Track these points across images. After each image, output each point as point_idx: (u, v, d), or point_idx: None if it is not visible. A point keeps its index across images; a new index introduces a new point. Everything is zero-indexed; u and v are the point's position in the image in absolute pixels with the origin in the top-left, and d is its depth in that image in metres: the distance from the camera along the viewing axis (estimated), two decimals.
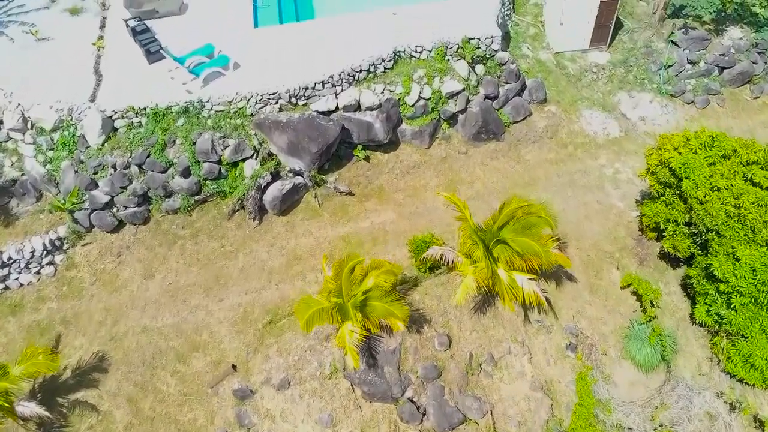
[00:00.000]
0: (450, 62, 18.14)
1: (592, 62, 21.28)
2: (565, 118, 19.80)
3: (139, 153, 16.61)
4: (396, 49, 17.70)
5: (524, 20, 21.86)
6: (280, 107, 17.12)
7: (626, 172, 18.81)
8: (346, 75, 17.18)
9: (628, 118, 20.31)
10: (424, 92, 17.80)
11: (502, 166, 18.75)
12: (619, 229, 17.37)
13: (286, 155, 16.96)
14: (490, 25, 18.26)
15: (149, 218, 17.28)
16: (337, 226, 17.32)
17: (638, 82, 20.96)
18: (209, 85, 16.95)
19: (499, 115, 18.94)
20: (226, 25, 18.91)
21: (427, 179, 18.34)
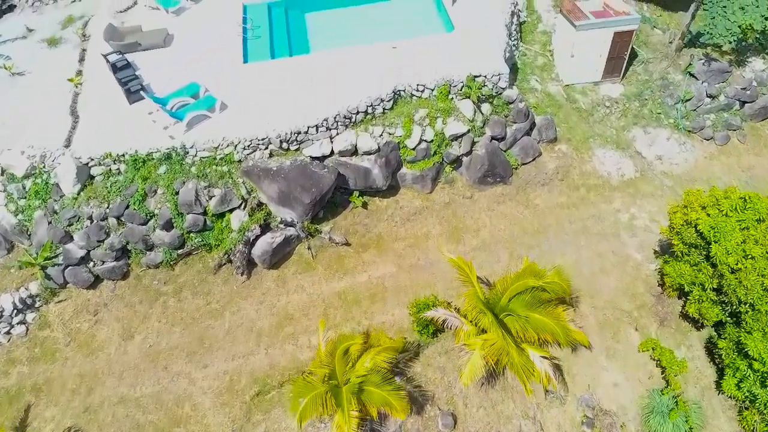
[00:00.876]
0: (454, 101, 16.84)
1: (605, 95, 19.98)
2: (576, 157, 18.50)
3: (117, 203, 15.31)
4: (396, 87, 16.40)
5: (532, 49, 20.57)
6: (271, 153, 15.82)
7: (643, 218, 17.50)
8: (341, 117, 15.89)
9: (643, 157, 19.01)
10: (426, 134, 16.51)
11: (509, 212, 17.44)
12: (637, 284, 16.06)
13: (276, 205, 15.66)
14: (497, 61, 16.94)
15: (129, 273, 15.98)
16: (332, 281, 16.02)
17: (654, 117, 19.65)
18: (194, 129, 15.66)
19: (507, 156, 17.64)
20: (213, 59, 17.63)
21: (429, 227, 17.04)
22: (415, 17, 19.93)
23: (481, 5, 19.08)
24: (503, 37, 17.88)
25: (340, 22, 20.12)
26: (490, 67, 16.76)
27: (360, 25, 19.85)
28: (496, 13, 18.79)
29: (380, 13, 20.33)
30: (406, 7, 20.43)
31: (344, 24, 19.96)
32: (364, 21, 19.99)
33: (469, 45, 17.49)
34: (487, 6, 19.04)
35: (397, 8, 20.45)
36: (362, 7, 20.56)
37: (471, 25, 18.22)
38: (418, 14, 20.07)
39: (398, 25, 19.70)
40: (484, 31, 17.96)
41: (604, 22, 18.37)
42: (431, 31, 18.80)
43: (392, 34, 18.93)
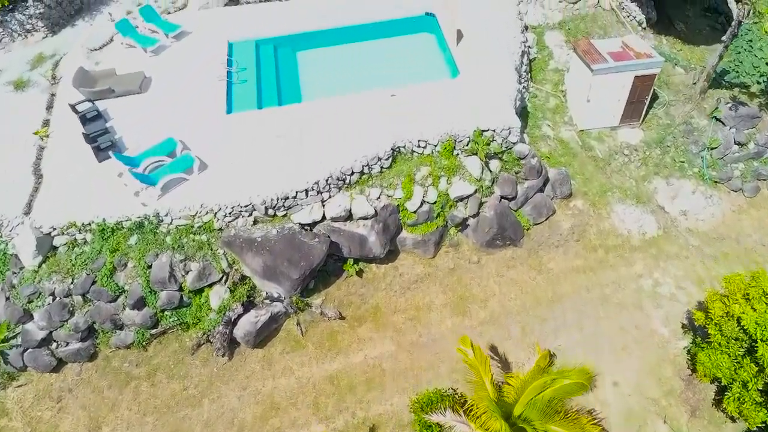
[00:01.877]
0: (459, 158, 15.18)
1: (623, 142, 18.32)
2: (593, 214, 16.84)
3: (82, 278, 13.65)
4: (395, 144, 14.74)
5: (543, 89, 18.90)
6: (255, 220, 14.15)
7: (668, 285, 15.85)
8: (334, 179, 14.23)
9: (666, 212, 17.34)
10: (428, 196, 14.86)
11: (520, 278, 15.78)
12: (665, 365, 14.40)
13: (261, 279, 14.00)
14: (507, 113, 15.27)
15: (96, 354, 14.32)
16: (324, 362, 14.35)
17: (677, 166, 17.98)
18: (169, 194, 14.00)
19: (518, 216, 15.98)
20: (193, 108, 15.97)
21: (432, 296, 15.37)
22: (417, 56, 18.29)
23: (489, 45, 17.43)
24: (513, 84, 16.21)
25: (335, 62, 18.46)
26: (499, 120, 15.09)
27: (356, 65, 18.21)
28: (505, 55, 17.13)
29: (378, 51, 18.68)
30: (406, 46, 18.80)
31: (339, 64, 18.30)
32: (361, 61, 18.34)
33: (476, 93, 15.82)
34: (495, 46, 17.39)
35: (397, 46, 18.81)
36: (359, 44, 18.92)
37: (478, 69, 16.57)
38: (420, 53, 18.43)
39: (398, 65, 18.08)
40: (493, 77, 16.30)
41: (624, 65, 16.72)
42: (434, 74, 17.15)
43: (391, 77, 17.34)
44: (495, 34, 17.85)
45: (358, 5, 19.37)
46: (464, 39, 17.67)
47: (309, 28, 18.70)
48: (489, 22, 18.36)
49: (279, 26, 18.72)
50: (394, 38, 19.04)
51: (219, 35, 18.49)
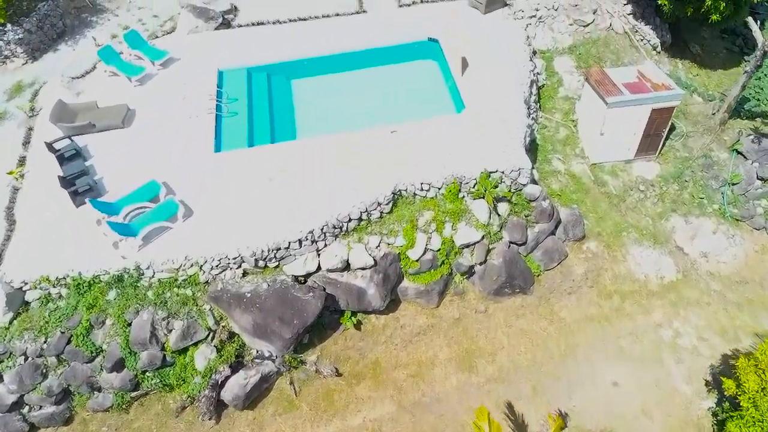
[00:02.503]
0: (465, 201, 14.09)
1: (638, 176, 17.22)
2: (608, 257, 15.74)
3: (56, 338, 12.57)
4: (396, 187, 13.66)
5: (553, 119, 17.81)
6: (244, 272, 13.07)
7: (689, 335, 14.75)
8: (330, 227, 13.15)
9: (685, 253, 16.24)
10: (432, 243, 13.78)
11: (530, 328, 14.69)
12: (689, 430, 13.31)
13: (251, 337, 12.92)
14: (516, 153, 14.20)
15: (72, 417, 13.23)
16: (320, 425, 13.26)
17: (696, 203, 16.89)
18: (151, 244, 12.91)
19: (528, 262, 14.89)
20: (179, 145, 14.90)
21: (436, 349, 14.29)
22: (419, 87, 17.20)
23: (496, 74, 16.37)
24: (523, 119, 15.12)
25: (332, 91, 17.39)
26: (508, 160, 14.02)
27: (355, 95, 17.14)
28: (514, 86, 16.05)
29: (378, 79, 17.61)
30: (408, 74, 17.72)
31: (337, 94, 17.23)
32: (360, 91, 17.27)
33: (482, 130, 14.74)
34: (503, 76, 16.31)
35: (398, 75, 17.74)
36: (358, 72, 17.83)
37: (484, 103, 15.48)
38: (423, 83, 17.34)
39: (399, 95, 17.03)
40: (501, 112, 15.22)
41: (641, 98, 15.63)
42: (438, 107, 16.07)
43: (392, 109, 16.37)
44: (502, 62, 16.77)
45: (356, 30, 18.30)
46: (469, 68, 16.59)
47: (304, 55, 17.62)
48: (496, 48, 17.28)
49: (272, 52, 17.64)
50: (395, 65, 17.98)
51: (208, 62, 17.41)
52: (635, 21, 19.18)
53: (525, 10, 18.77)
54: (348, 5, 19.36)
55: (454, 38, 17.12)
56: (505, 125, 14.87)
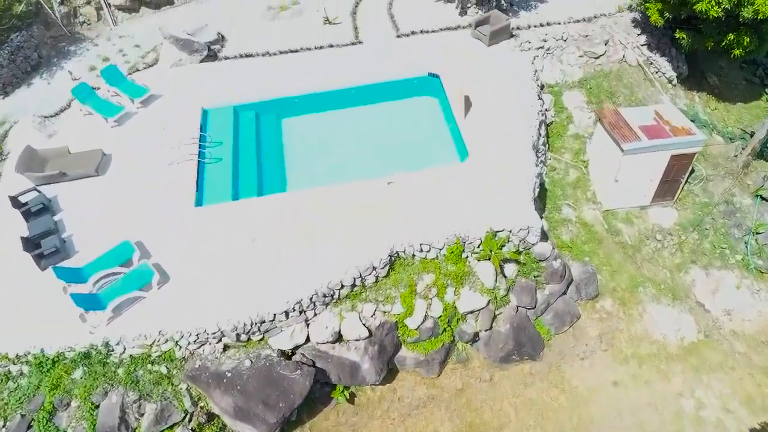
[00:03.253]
0: (469, 263, 12.85)
1: (655, 224, 15.99)
2: (624, 316, 14.52)
3: (16, 421, 11.34)
4: (393, 249, 12.42)
5: (562, 160, 16.58)
6: (225, 346, 11.84)
7: (712, 406, 13.53)
8: (320, 296, 11.91)
9: (707, 310, 15.02)
10: (432, 310, 12.55)
11: (540, 398, 13.47)
12: None
13: (233, 419, 11.67)
14: (525, 209, 12.96)
15: None
16: None
17: (717, 253, 15.65)
18: (122, 316, 11.67)
19: (537, 326, 13.66)
20: (157, 198, 13.67)
21: (437, 424, 13.06)
22: (419, 127, 15.98)
23: (502, 115, 15.14)
24: (531, 169, 13.87)
25: (324, 133, 16.16)
26: (516, 218, 12.77)
27: (349, 137, 15.92)
28: (522, 129, 14.81)
29: (375, 119, 16.40)
30: (406, 112, 16.50)
31: (329, 136, 16.00)
32: (354, 132, 16.05)
33: (487, 183, 13.49)
34: (509, 117, 15.09)
35: (396, 113, 16.52)
36: (352, 110, 16.61)
37: (490, 150, 14.25)
38: (423, 123, 16.12)
39: (396, 136, 15.79)
40: (507, 160, 13.98)
41: (660, 144, 14.40)
42: (438, 153, 14.86)
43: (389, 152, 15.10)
44: (508, 102, 15.53)
45: (351, 63, 17.08)
46: (473, 109, 15.35)
47: (295, 91, 16.41)
48: (501, 84, 16.04)
49: (261, 88, 16.41)
50: (393, 102, 16.75)
51: (192, 100, 16.18)
52: (650, 52, 17.94)
53: (532, 42, 17.54)
54: (342, 36, 18.13)
55: (456, 75, 15.91)
56: (512, 177, 13.62)
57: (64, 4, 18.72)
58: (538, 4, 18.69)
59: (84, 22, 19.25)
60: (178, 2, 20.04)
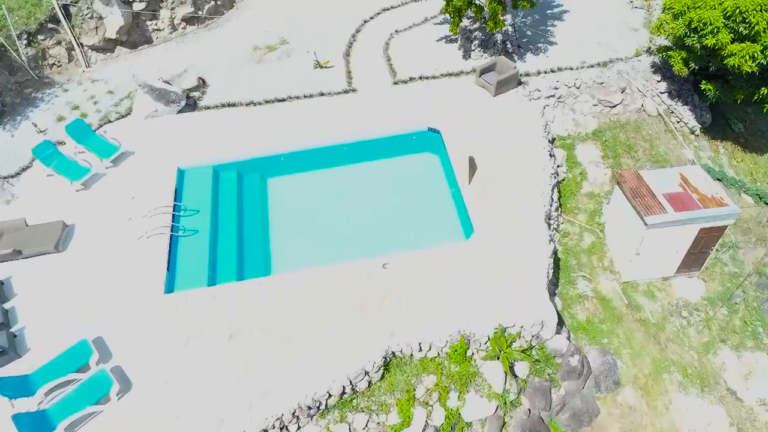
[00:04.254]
0: (475, 362, 11.31)
1: (680, 299, 14.42)
2: (647, 409, 12.94)
3: None
4: (388, 349, 10.88)
5: (576, 222, 15.03)
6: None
7: None
8: (304, 408, 10.36)
9: (739, 399, 13.44)
10: (433, 418, 10.98)
11: None
12: None
13: None
14: (538, 301, 11.42)
15: None
16: None
17: (749, 331, 14.08)
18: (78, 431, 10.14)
19: (552, 428, 12.09)
20: (122, 281, 12.12)
21: None
22: (418, 191, 14.43)
23: (510, 180, 13.66)
24: (545, 246, 12.33)
25: (314, 195, 14.61)
26: (528, 309, 11.23)
27: (341, 202, 14.37)
28: (533, 197, 13.32)
29: (369, 181, 14.85)
30: (404, 172, 14.95)
31: (319, 199, 14.46)
32: (347, 195, 14.51)
33: (496, 265, 11.96)
34: (519, 181, 13.62)
35: (394, 174, 14.98)
36: (347, 168, 15.08)
37: (497, 223, 12.72)
38: (423, 188, 14.56)
39: (393, 202, 14.25)
40: (518, 237, 12.45)
41: (688, 217, 12.83)
42: (441, 225, 13.31)
43: (384, 221, 13.54)
44: (517, 162, 14.05)
45: (344, 114, 15.58)
46: (478, 172, 13.81)
47: (282, 148, 14.88)
48: (509, 141, 14.56)
49: (245, 145, 14.89)
50: (389, 159, 15.22)
51: (167, 158, 14.65)
52: (670, 100, 16.40)
53: (542, 90, 16.00)
54: (335, 82, 16.59)
55: (459, 131, 14.41)
56: (523, 256, 12.09)
57: (31, 45, 17.16)
58: (548, 47, 17.15)
59: (54, 64, 17.71)
60: (156, 41, 18.50)
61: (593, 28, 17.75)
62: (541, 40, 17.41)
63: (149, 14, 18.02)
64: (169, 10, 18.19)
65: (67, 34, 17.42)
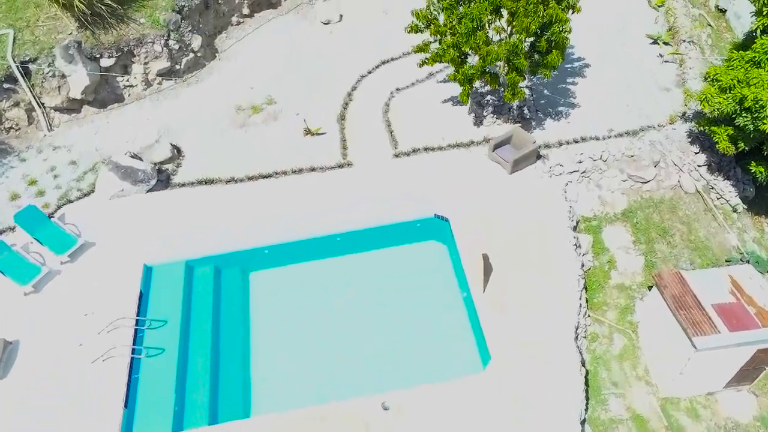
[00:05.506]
0: None
1: (729, 418, 12.38)
2: None
3: None
4: None
5: (605, 321, 13.02)
6: None
7: None
8: None
9: None
10: None
11: None
12: None
13: None
14: None
15: None
16: None
17: None
18: None
19: None
20: (68, 420, 10.09)
21: None
22: (423, 298, 12.38)
23: (530, 280, 11.66)
24: (577, 375, 10.33)
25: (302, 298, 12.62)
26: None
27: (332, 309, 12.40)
28: (558, 304, 11.32)
29: (366, 277, 12.86)
30: (407, 272, 12.93)
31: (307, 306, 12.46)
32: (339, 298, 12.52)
33: (517, 404, 9.94)
34: (540, 282, 11.64)
35: (394, 269, 12.98)
36: (340, 260, 13.09)
37: (519, 345, 10.72)
38: (428, 290, 12.52)
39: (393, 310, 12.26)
40: (543, 363, 10.43)
41: (745, 339, 10.84)
42: (450, 348, 11.29)
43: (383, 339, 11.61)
44: (538, 257, 12.11)
45: (337, 194, 13.64)
46: (494, 275, 11.80)
47: (266, 239, 12.88)
48: (528, 230, 12.63)
49: (224, 233, 12.90)
50: (389, 249, 13.24)
51: (133, 251, 12.65)
52: (710, 175, 14.40)
53: (564, 165, 14.02)
54: (328, 153, 14.60)
55: (470, 222, 12.43)
56: (550, 388, 10.10)
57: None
58: (569, 111, 15.16)
59: (11, 128, 15.70)
60: (128, 99, 16.50)
61: (620, 88, 15.75)
62: (561, 101, 15.41)
63: (119, 70, 16.01)
64: (142, 65, 16.18)
65: (26, 95, 15.41)
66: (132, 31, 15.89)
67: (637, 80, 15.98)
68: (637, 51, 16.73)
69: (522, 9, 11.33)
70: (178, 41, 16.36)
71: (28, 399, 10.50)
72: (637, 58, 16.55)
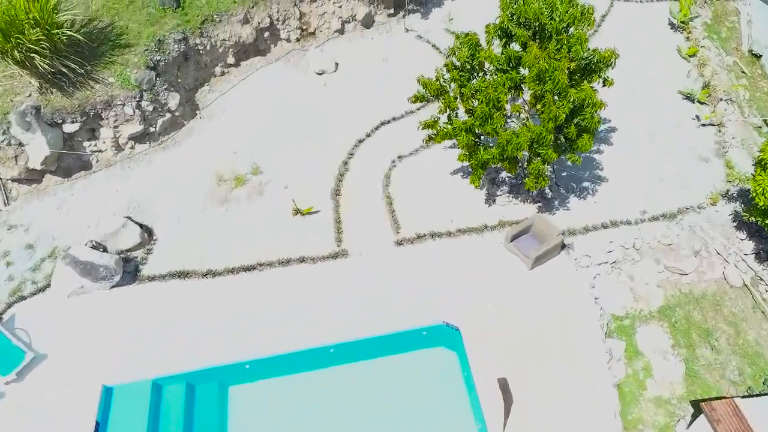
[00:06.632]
0: None
1: None
2: None
3: None
4: None
5: None
6: None
7: None
8: None
9: None
10: None
11: None
12: None
13: None
14: None
15: None
16: None
17: None
18: None
19: None
20: None
21: None
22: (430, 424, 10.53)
23: (558, 412, 9.76)
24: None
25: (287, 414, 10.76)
26: None
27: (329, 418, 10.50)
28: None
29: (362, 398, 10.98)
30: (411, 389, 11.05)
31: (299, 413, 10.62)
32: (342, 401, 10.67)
33: None
34: (569, 414, 9.71)
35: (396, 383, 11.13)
36: (332, 373, 11.24)
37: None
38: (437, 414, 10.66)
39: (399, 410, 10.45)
40: None
41: None
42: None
43: None
44: (565, 379, 10.25)
45: (330, 291, 11.82)
46: (515, 407, 9.95)
47: (247, 353, 11.02)
48: (552, 342, 10.84)
49: (198, 344, 11.04)
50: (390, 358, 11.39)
51: (91, 365, 10.82)
52: (758, 264, 12.56)
53: (592, 255, 12.17)
54: (320, 238, 12.76)
55: (486, 335, 10.59)
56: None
57: None
58: (596, 188, 13.30)
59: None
60: (97, 166, 14.65)
61: (652, 158, 13.92)
62: (587, 174, 13.56)
63: (85, 135, 14.17)
64: (112, 128, 14.32)
65: None
66: (99, 92, 14.03)
67: (672, 148, 14.14)
68: (671, 112, 14.88)
69: (549, 96, 9.44)
70: (152, 101, 14.50)
71: None
72: (670, 120, 14.70)
